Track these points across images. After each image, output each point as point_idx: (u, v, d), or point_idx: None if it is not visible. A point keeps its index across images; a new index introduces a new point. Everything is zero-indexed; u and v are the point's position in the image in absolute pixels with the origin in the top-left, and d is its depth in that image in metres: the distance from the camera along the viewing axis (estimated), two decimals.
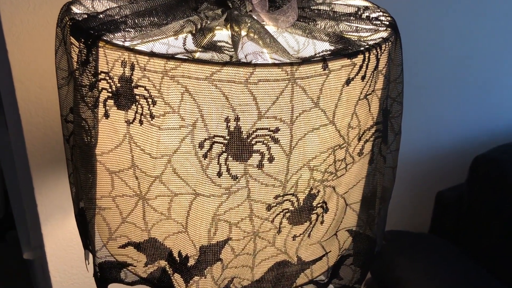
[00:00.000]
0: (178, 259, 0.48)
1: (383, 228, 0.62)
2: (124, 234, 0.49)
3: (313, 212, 0.49)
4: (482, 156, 1.17)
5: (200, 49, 0.46)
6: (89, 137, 0.47)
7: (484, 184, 1.17)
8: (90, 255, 0.57)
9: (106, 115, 0.44)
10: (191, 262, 0.47)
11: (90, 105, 0.44)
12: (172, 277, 0.49)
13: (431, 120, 1.29)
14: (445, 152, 1.35)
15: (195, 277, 0.48)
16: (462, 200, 1.25)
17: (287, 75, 0.40)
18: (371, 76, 0.45)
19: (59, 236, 0.88)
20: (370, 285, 1.20)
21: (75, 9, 0.48)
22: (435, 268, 1.08)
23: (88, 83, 0.43)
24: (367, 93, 0.46)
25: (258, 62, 0.48)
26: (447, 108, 1.29)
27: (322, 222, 0.51)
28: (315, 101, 0.42)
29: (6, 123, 0.84)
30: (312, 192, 0.48)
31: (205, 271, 0.48)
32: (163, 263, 0.49)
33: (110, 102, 0.43)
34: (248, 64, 0.39)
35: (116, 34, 0.43)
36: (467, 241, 1.22)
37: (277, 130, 0.42)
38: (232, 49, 0.47)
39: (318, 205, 0.49)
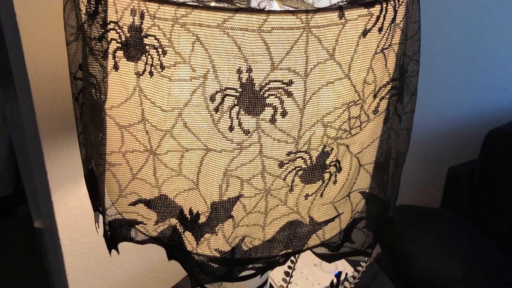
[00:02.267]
0: (189, 216, 0.47)
1: (397, 193, 0.61)
2: (134, 191, 0.48)
3: (326, 170, 0.48)
4: (496, 130, 1.15)
5: (214, 2, 0.45)
6: (98, 94, 0.46)
7: (497, 158, 1.15)
8: (100, 219, 0.56)
9: (116, 67, 0.43)
10: (202, 219, 0.47)
11: (99, 57, 0.43)
12: (182, 235, 0.48)
13: (444, 95, 1.27)
14: (458, 128, 1.33)
15: (206, 234, 0.47)
16: (474, 175, 1.23)
17: (301, 23, 0.38)
18: (388, 28, 0.44)
19: (69, 204, 0.88)
20: (380, 259, 1.19)
21: None
22: (446, 242, 1.07)
23: (97, 35, 0.42)
24: (384, 47, 0.45)
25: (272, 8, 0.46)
26: (460, 82, 1.27)
27: (335, 182, 0.50)
28: (331, 52, 0.41)
29: (16, 91, 0.84)
30: (325, 149, 0.47)
31: (216, 228, 0.47)
32: (173, 221, 0.49)
33: (120, 53, 0.42)
34: (261, 11, 0.38)
35: None
36: (478, 217, 1.21)
37: (290, 83, 0.41)
38: (245, 2, 0.45)
39: (331, 164, 0.48)
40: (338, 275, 0.69)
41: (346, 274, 0.65)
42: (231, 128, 0.42)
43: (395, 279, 1.02)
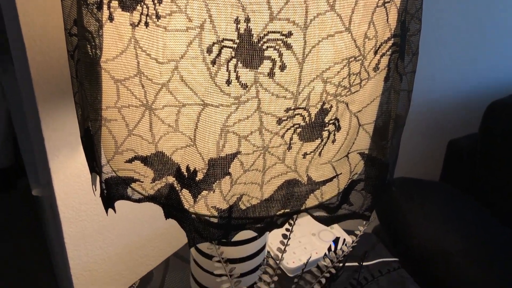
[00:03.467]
0: (186, 174, 0.47)
1: (396, 157, 0.60)
2: (130, 147, 0.47)
3: (325, 129, 0.47)
4: (497, 102, 1.14)
5: None
6: (93, 49, 0.45)
7: (498, 131, 1.14)
8: (98, 181, 0.56)
9: (111, 18, 0.42)
10: (200, 176, 0.46)
11: (93, 9, 0.42)
12: (180, 193, 0.48)
13: (446, 67, 1.25)
14: (459, 100, 1.32)
15: (204, 191, 0.47)
16: (475, 149, 1.23)
17: None
18: None
19: (67, 172, 0.87)
20: (378, 231, 1.20)
21: None
22: (445, 214, 1.07)
23: None
24: (386, 0, 0.44)
25: None
26: (462, 54, 1.25)
27: (333, 141, 0.49)
28: (331, 3, 0.40)
29: (12, 57, 0.82)
30: (324, 107, 0.46)
31: (214, 185, 0.46)
32: (170, 179, 0.48)
33: (115, 3, 0.41)
34: None
35: None
36: (478, 190, 1.21)
37: (289, 34, 0.40)
38: None
39: (330, 122, 0.47)
40: (336, 240, 0.69)
41: (344, 239, 0.65)
42: (228, 82, 0.42)
43: (393, 250, 1.02)
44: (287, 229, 0.64)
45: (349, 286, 0.67)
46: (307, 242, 0.98)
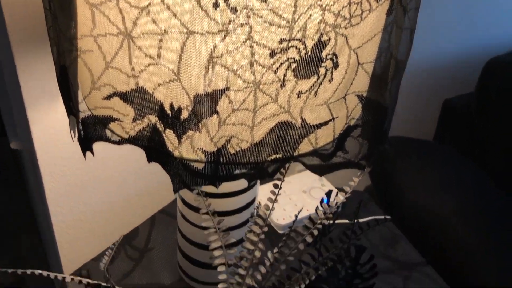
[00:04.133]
0: (170, 112, 0.43)
1: (395, 103, 0.57)
2: (108, 82, 0.43)
3: (322, 65, 0.43)
4: (495, 59, 1.10)
5: None
6: None
7: (496, 89, 1.11)
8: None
9: None
10: (185, 114, 0.42)
11: None
12: (163, 134, 0.44)
13: (441, 23, 1.21)
14: (455, 58, 1.28)
15: (189, 131, 0.43)
16: (470, 108, 1.20)
17: None
18: None
19: (47, 124, 0.83)
20: (371, 193, 1.17)
21: None
22: (440, 175, 1.05)
23: None
24: None
25: None
26: (459, 10, 1.21)
27: (330, 80, 0.45)
28: None
29: None
30: (322, 39, 0.42)
31: (200, 124, 0.43)
32: (153, 118, 0.44)
33: None
34: None
35: None
36: (472, 151, 1.19)
37: None
38: None
39: (328, 57, 0.43)
40: (328, 193, 0.66)
41: (337, 192, 0.62)
42: (215, 5, 0.37)
43: (384, 212, 1.00)
44: (275, 185, 0.60)
45: (339, 242, 0.65)
46: (297, 199, 0.95)
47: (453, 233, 0.92)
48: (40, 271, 0.52)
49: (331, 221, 0.63)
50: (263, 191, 0.98)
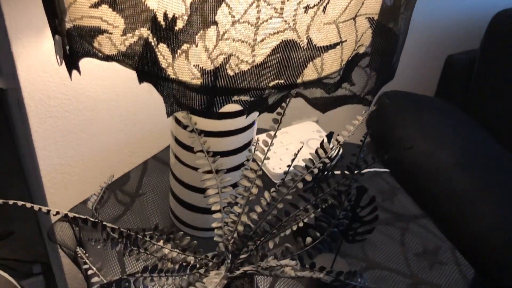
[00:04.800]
0: (163, 23, 0.39)
1: (405, 34, 0.53)
2: None
3: None
4: (504, 12, 1.06)
5: None
6: None
7: (503, 44, 1.07)
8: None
9: None
10: (180, 24, 0.38)
11: None
12: (156, 49, 0.40)
13: None
14: (459, 13, 1.23)
15: (184, 45, 0.39)
16: (473, 65, 1.16)
17: None
18: None
19: (33, 59, 0.78)
20: (367, 144, 1.14)
21: None
22: (439, 128, 1.02)
23: None
24: None
25: None
26: None
27: None
28: None
29: None
30: None
31: (197, 36, 0.39)
32: (145, 32, 0.40)
33: None
34: None
35: None
36: (473, 107, 1.16)
37: None
38: None
39: None
40: (329, 134, 0.63)
41: (338, 134, 0.59)
42: None
43: (383, 165, 0.98)
44: (275, 120, 0.57)
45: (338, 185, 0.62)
46: (295, 150, 0.92)
47: (452, 186, 0.90)
48: (23, 202, 0.49)
49: (331, 163, 0.60)
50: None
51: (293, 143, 0.94)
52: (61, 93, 0.84)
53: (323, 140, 0.63)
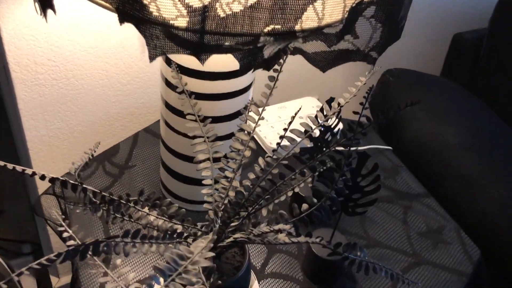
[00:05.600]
0: None
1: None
2: None
3: None
4: None
5: None
6: None
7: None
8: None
9: None
10: None
11: None
12: None
13: None
14: None
15: None
16: (481, 44, 1.12)
17: None
18: None
19: (19, 22, 0.74)
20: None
21: None
22: (444, 107, 0.98)
23: None
24: None
25: None
26: None
27: None
28: None
29: None
30: None
31: None
32: None
33: None
34: None
35: None
36: (479, 87, 1.11)
37: None
38: None
39: None
40: (330, 100, 0.59)
41: (339, 103, 0.55)
42: None
43: (385, 143, 0.94)
44: (271, 77, 0.52)
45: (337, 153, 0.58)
46: (293, 126, 0.88)
47: (458, 166, 0.86)
48: (4, 163, 0.45)
49: (332, 131, 0.55)
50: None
51: (291, 135, 0.90)
52: (49, 59, 0.80)
53: (322, 106, 0.58)
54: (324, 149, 0.48)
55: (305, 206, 0.49)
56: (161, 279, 0.36)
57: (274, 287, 0.64)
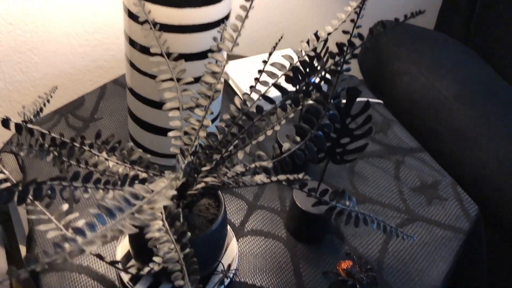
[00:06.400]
0: None
1: None
2: None
3: None
4: None
5: None
6: None
7: None
8: None
9: None
10: None
11: None
12: None
13: None
14: None
15: None
16: None
17: None
18: None
19: None
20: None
21: None
22: (438, 60, 0.92)
23: None
24: None
25: None
26: None
27: None
28: None
29: None
30: None
31: None
32: None
33: None
34: None
35: None
36: (475, 41, 1.05)
37: None
38: None
39: None
40: (316, 32, 0.52)
41: (328, 33, 0.48)
42: None
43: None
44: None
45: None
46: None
47: (453, 119, 0.80)
48: None
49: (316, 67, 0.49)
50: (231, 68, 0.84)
51: (271, 69, 0.83)
52: (11, 3, 0.71)
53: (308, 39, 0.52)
54: (310, 75, 0.41)
55: (286, 146, 0.43)
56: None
57: (254, 245, 0.58)
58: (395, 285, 0.56)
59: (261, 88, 0.45)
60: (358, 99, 0.63)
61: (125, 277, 0.52)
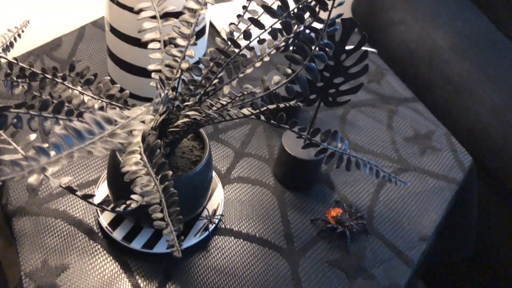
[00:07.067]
0: None
1: None
2: None
3: None
4: None
5: None
6: None
7: None
8: None
9: None
10: None
11: None
12: None
13: None
14: None
15: None
16: None
17: None
18: None
19: None
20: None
21: None
22: (433, 9, 0.88)
23: None
24: None
25: None
26: None
27: None
28: None
29: None
30: None
31: None
32: None
33: None
34: None
35: None
36: None
37: None
38: None
39: None
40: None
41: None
42: None
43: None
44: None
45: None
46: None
47: (448, 69, 0.77)
48: None
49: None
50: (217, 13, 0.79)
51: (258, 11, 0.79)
52: None
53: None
54: None
55: (276, 78, 0.39)
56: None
57: (241, 192, 0.55)
58: (385, 233, 0.54)
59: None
60: (351, 47, 0.60)
61: (104, 222, 0.49)
